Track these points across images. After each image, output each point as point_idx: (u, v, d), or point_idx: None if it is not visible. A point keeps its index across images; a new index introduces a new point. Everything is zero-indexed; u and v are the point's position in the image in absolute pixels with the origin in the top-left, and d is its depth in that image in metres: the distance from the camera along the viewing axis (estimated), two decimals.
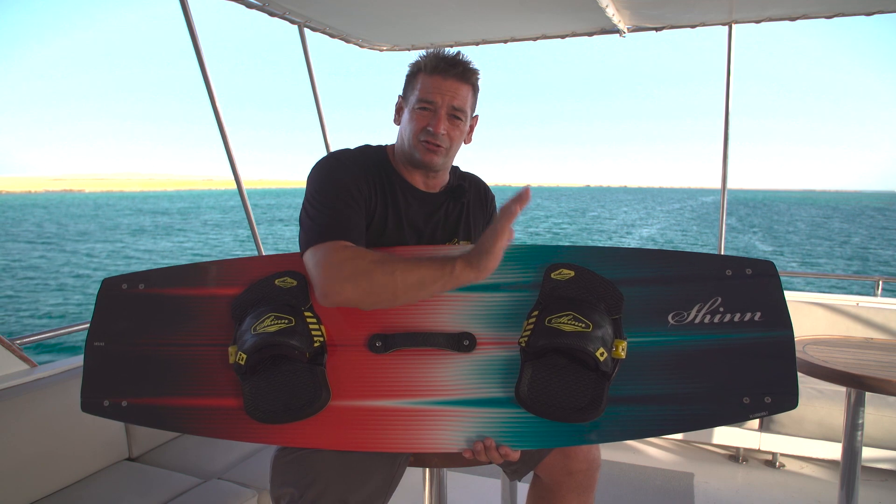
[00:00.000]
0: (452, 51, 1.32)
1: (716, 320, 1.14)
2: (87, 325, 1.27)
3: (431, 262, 1.13)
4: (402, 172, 1.37)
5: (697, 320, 1.14)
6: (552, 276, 1.16)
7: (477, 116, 1.41)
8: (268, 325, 1.14)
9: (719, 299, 1.15)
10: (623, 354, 1.11)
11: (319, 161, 1.32)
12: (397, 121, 1.39)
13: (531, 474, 1.39)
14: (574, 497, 1.34)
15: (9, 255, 24.50)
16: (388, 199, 1.33)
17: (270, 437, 1.18)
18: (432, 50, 1.33)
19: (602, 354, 1.08)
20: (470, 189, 1.48)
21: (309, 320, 1.17)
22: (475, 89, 1.35)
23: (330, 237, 1.18)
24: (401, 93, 1.39)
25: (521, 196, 1.07)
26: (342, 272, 1.13)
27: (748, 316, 1.13)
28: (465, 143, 1.39)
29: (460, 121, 1.32)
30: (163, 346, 1.23)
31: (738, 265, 1.16)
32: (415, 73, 1.33)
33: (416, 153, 1.31)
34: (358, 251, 1.17)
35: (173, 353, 1.22)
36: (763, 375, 1.11)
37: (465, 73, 1.30)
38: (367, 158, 1.36)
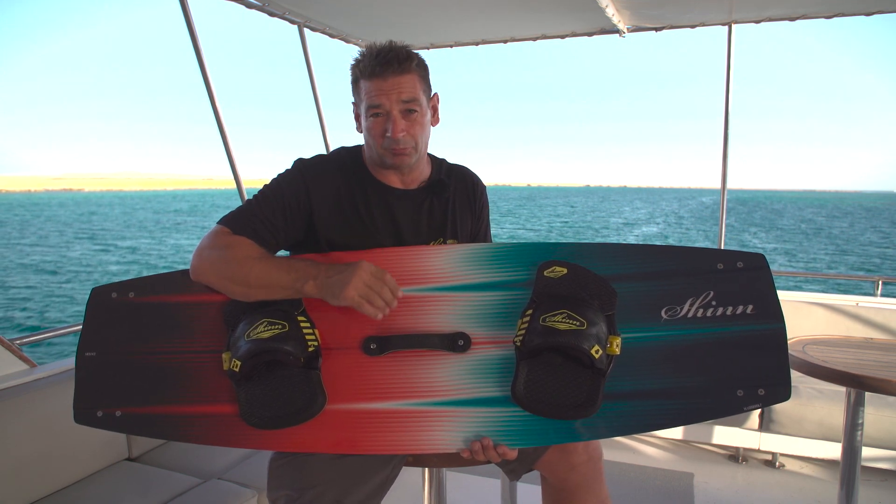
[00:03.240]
0: (384, 42, 1.26)
1: (708, 314, 1.15)
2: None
3: (289, 272, 1.16)
4: (376, 173, 1.35)
5: (690, 314, 1.15)
6: (545, 273, 1.17)
7: (436, 95, 1.36)
8: (261, 332, 1.13)
9: (711, 293, 1.15)
10: (617, 350, 1.12)
11: (294, 162, 1.33)
12: (359, 128, 1.35)
13: (534, 474, 1.39)
14: (584, 491, 1.32)
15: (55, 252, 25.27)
16: (359, 201, 1.32)
17: (267, 443, 1.17)
18: (364, 49, 1.27)
19: (597, 352, 1.08)
20: (455, 183, 1.44)
21: (302, 325, 1.17)
22: (421, 72, 1.28)
23: (227, 223, 1.23)
24: (353, 99, 1.34)
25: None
26: (211, 255, 1.19)
27: (740, 309, 1.14)
28: (432, 124, 1.35)
29: (416, 112, 1.27)
30: (155, 355, 1.21)
31: (730, 259, 1.17)
32: (356, 78, 1.28)
33: (385, 160, 1.29)
34: (234, 241, 1.20)
35: (166, 360, 1.21)
36: (756, 368, 1.12)
37: (401, 66, 1.23)
38: (339, 163, 1.34)
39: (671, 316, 1.15)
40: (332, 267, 1.15)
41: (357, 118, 1.34)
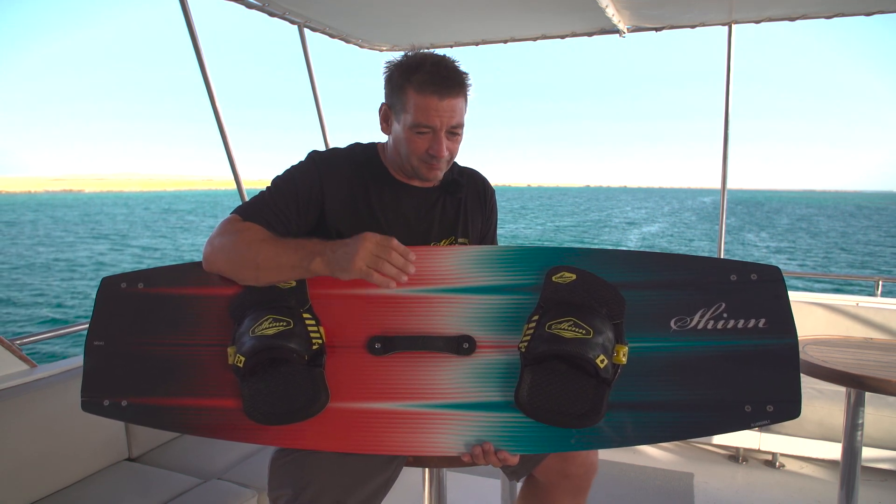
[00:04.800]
0: (434, 52, 1.26)
1: (719, 326, 1.12)
2: (87, 325, 1.27)
3: (297, 250, 1.15)
4: (393, 170, 1.36)
5: (700, 326, 1.13)
6: (553, 279, 1.15)
7: None
8: (266, 328, 1.13)
9: (723, 305, 1.13)
10: (624, 360, 1.10)
11: (308, 154, 1.34)
12: (386, 130, 1.33)
13: None
14: (567, 500, 1.34)
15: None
16: (373, 196, 1.32)
17: (269, 439, 1.18)
18: (416, 57, 1.24)
19: (602, 361, 1.07)
20: (467, 184, 1.45)
21: (308, 322, 1.16)
22: (467, 94, 1.28)
23: (239, 212, 1.24)
24: (384, 99, 1.31)
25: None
26: (222, 242, 1.19)
27: (752, 322, 1.12)
28: None
29: (458, 134, 1.28)
30: (162, 346, 1.22)
31: (743, 270, 1.14)
32: (402, 86, 1.24)
33: (418, 172, 1.30)
34: (244, 226, 1.21)
35: (173, 352, 1.22)
36: (766, 383, 1.10)
37: (460, 88, 1.24)
38: (354, 158, 1.35)
39: (681, 327, 1.13)
40: (338, 242, 1.14)
41: (385, 119, 1.32)
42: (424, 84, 1.21)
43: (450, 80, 1.22)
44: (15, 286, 17.37)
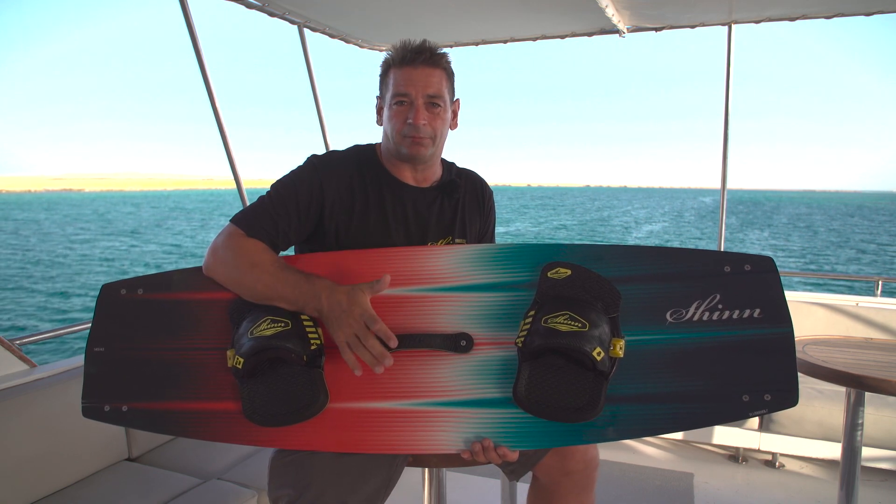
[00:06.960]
0: (418, 39, 1.32)
1: (714, 317, 1.13)
2: (88, 326, 1.27)
3: (294, 288, 1.15)
4: (391, 169, 1.38)
5: (696, 318, 1.13)
6: (549, 275, 1.16)
7: (458, 101, 1.42)
8: (264, 329, 1.13)
9: (718, 296, 1.13)
10: (621, 353, 1.10)
11: (307, 158, 1.35)
12: (379, 121, 1.39)
13: (530, 475, 1.39)
14: (573, 497, 1.34)
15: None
16: (371, 196, 1.34)
17: (270, 440, 1.18)
18: (398, 43, 1.32)
19: (599, 354, 1.07)
20: (465, 186, 1.47)
21: (306, 323, 1.17)
22: (449, 73, 1.35)
23: (241, 223, 1.24)
24: (377, 93, 1.39)
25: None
26: (224, 256, 1.21)
27: (747, 313, 1.12)
28: (451, 128, 1.40)
29: (439, 108, 1.32)
30: (162, 351, 1.22)
31: (737, 261, 1.15)
32: (386, 69, 1.34)
33: (402, 149, 1.32)
34: (246, 245, 1.21)
35: (173, 357, 1.22)
36: (763, 372, 1.10)
37: (433, 59, 1.30)
38: (353, 159, 1.37)
39: (676, 319, 1.14)
40: (333, 295, 1.13)
41: (379, 111, 1.38)
42: (400, 59, 1.30)
43: (423, 52, 1.29)
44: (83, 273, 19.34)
